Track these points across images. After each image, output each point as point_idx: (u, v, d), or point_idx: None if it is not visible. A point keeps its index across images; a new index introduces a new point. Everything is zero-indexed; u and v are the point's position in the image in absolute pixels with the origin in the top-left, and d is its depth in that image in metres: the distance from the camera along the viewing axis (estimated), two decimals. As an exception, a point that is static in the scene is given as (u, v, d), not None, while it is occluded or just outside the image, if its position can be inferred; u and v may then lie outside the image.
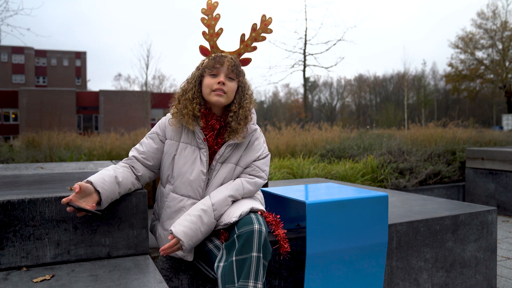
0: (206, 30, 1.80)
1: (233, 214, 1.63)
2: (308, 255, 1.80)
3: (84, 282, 1.44)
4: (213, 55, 1.80)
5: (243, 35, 1.83)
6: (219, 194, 1.71)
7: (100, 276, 1.50)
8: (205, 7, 1.79)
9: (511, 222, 4.86)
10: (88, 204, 1.54)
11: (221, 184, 1.77)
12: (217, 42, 1.82)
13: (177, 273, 1.80)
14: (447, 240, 2.38)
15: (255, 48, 1.85)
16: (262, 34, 1.84)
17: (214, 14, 1.79)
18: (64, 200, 1.49)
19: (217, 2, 1.79)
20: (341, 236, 1.87)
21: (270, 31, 1.84)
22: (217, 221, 1.68)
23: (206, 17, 1.79)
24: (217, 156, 1.75)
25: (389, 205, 2.60)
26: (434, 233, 2.33)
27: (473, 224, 2.47)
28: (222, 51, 1.83)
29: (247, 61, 1.86)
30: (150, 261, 1.69)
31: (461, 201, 4.21)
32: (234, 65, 1.76)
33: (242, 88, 1.80)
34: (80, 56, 53.66)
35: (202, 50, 1.83)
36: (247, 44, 1.83)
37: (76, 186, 1.51)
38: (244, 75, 1.82)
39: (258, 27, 1.83)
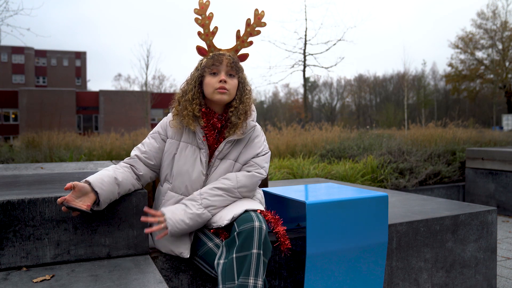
0: (201, 30, 1.82)
1: (225, 217, 1.63)
2: (308, 255, 1.80)
3: (84, 282, 1.44)
4: (211, 54, 1.81)
5: (238, 32, 1.86)
6: (207, 186, 1.74)
7: (100, 276, 1.50)
8: (198, 7, 1.81)
9: (511, 222, 4.86)
10: (85, 203, 1.54)
11: None
12: (213, 40, 1.84)
13: (177, 273, 1.80)
14: (447, 240, 2.38)
15: (251, 43, 1.88)
16: (257, 28, 1.87)
17: (207, 13, 1.81)
18: (59, 200, 1.50)
19: (208, 1, 1.81)
20: (341, 236, 1.87)
21: (264, 25, 1.87)
22: (207, 210, 1.68)
23: (200, 17, 1.81)
24: (216, 153, 1.77)
25: (389, 205, 2.60)
26: (434, 233, 2.33)
27: (473, 224, 2.47)
28: (219, 49, 1.85)
29: (245, 57, 1.89)
30: (150, 261, 1.69)
31: (461, 201, 4.21)
32: (233, 62, 1.78)
33: (242, 84, 1.83)
34: (80, 56, 53.66)
35: (200, 50, 1.85)
36: (243, 40, 1.86)
37: (69, 184, 1.51)
38: (243, 70, 1.85)
39: (252, 21, 1.86)
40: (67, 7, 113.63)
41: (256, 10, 1.86)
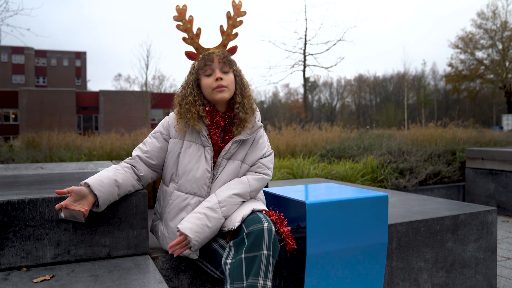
0: (186, 35, 1.83)
1: (235, 219, 1.64)
2: (308, 255, 1.80)
3: (84, 282, 1.44)
4: (200, 55, 1.82)
5: (221, 27, 1.88)
6: (224, 192, 1.72)
7: (100, 276, 1.50)
8: (176, 14, 1.81)
9: (511, 222, 4.86)
10: (84, 206, 1.54)
11: (228, 181, 1.77)
12: (200, 42, 1.85)
13: (177, 273, 1.80)
14: (447, 240, 2.38)
15: (237, 34, 1.90)
16: (239, 19, 1.90)
17: (187, 17, 1.82)
18: (57, 206, 1.50)
19: (185, 5, 1.82)
20: (341, 236, 1.87)
21: (244, 13, 1.90)
22: (225, 219, 1.69)
23: (181, 23, 1.82)
24: (222, 153, 1.76)
25: (389, 205, 2.60)
26: (434, 233, 2.33)
27: (473, 224, 2.47)
28: (208, 49, 1.86)
29: (234, 49, 1.91)
30: (150, 261, 1.69)
31: (461, 201, 4.21)
32: (224, 57, 1.79)
33: (239, 77, 1.84)
34: (80, 56, 53.67)
35: (189, 55, 1.86)
36: (228, 34, 1.88)
37: (62, 191, 1.51)
38: (235, 63, 1.86)
39: (232, 14, 1.89)
40: (67, 7, 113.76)
41: (233, 1, 1.89)
